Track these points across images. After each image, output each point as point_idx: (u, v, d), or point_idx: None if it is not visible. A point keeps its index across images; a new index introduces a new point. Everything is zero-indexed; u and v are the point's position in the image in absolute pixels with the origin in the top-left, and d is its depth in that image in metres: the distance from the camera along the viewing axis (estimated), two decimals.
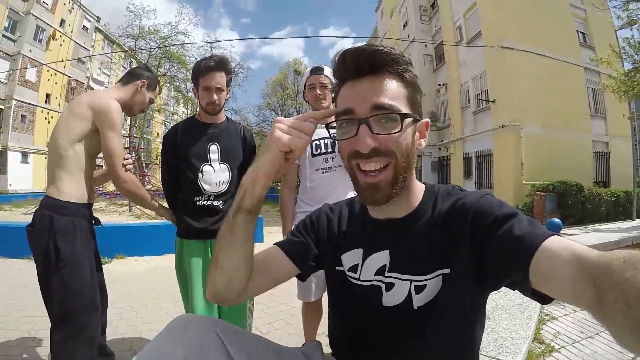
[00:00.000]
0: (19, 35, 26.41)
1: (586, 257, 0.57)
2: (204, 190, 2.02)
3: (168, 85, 24.56)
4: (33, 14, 26.84)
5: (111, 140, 1.81)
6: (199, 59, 2.15)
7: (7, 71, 25.17)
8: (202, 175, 2.02)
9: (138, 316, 3.27)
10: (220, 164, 2.06)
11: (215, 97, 1.99)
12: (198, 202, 2.02)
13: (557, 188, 11.40)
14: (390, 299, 0.87)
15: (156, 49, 21.17)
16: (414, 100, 0.83)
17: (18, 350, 2.46)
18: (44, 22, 27.91)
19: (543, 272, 0.63)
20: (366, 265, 0.93)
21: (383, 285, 0.89)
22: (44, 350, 2.45)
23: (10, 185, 24.97)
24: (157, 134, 39.16)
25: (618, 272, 0.49)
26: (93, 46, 33.66)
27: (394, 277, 0.88)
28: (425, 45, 21.62)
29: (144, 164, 25.53)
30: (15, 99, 26.06)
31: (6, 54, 25.92)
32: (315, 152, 2.23)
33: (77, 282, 1.71)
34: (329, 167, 2.23)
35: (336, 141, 0.88)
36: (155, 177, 18.28)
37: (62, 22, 29.83)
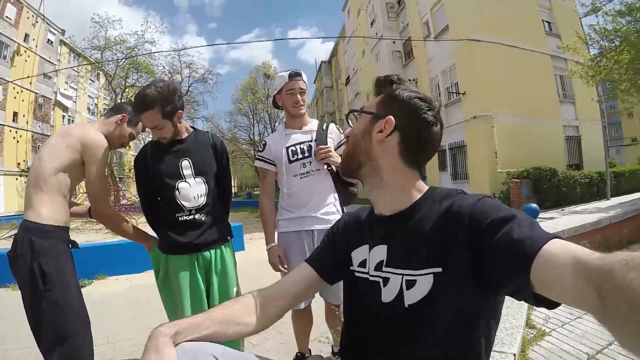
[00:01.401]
0: None
1: (587, 260, 0.57)
2: (184, 206, 1.97)
3: None
4: None
5: (96, 176, 1.87)
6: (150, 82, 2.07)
7: None
8: (179, 192, 1.97)
9: (125, 338, 3.17)
10: (194, 178, 2.01)
11: (156, 135, 1.95)
12: (180, 218, 1.97)
13: (532, 174, 11.71)
14: (387, 294, 0.88)
15: (123, 60, 20.80)
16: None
17: None
18: (7, 37, 26.94)
19: (544, 277, 0.62)
20: (370, 260, 0.95)
21: (381, 280, 0.90)
22: None
23: None
24: (130, 146, 38.40)
25: (620, 275, 0.49)
26: (59, 60, 32.64)
27: (390, 272, 0.89)
28: (394, 42, 21.92)
29: (117, 178, 24.98)
30: None
31: None
32: (292, 158, 2.18)
33: (68, 301, 1.68)
34: (306, 172, 2.19)
35: (312, 146, 0.93)
36: (130, 190, 17.83)
37: (26, 36, 28.90)
